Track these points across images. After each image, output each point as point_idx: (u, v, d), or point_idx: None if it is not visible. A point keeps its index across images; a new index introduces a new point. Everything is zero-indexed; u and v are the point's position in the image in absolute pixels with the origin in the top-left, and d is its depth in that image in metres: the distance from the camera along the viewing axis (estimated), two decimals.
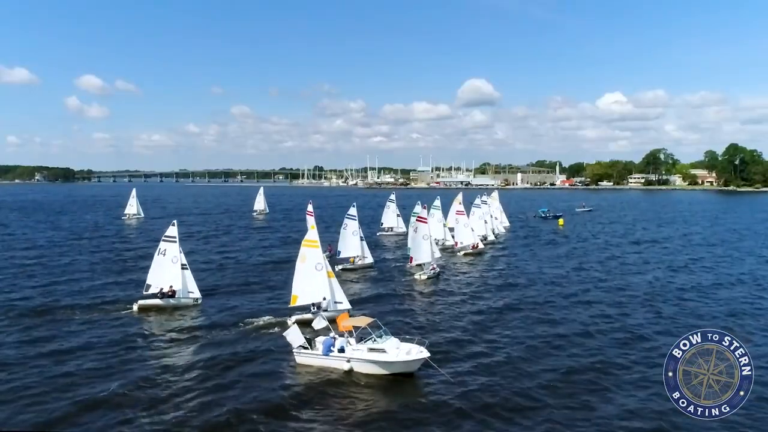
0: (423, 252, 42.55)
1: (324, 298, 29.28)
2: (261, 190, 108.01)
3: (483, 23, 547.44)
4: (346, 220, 46.33)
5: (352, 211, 46.56)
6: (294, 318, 28.82)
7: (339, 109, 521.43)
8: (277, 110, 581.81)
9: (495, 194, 76.22)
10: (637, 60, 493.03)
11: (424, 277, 41.22)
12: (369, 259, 46.29)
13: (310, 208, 52.34)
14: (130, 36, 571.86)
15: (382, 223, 68.87)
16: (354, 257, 45.18)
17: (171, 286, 32.49)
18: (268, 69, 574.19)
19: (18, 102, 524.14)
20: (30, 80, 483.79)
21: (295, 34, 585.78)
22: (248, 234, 73.39)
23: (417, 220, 43.64)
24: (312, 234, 30.50)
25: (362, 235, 46.52)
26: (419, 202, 48.05)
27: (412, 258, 43.54)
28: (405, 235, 63.63)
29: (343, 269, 43.22)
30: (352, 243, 45.36)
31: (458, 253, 52.90)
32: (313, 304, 29.34)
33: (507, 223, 75.37)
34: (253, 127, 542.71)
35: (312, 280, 29.15)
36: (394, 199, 69.02)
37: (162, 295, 32.28)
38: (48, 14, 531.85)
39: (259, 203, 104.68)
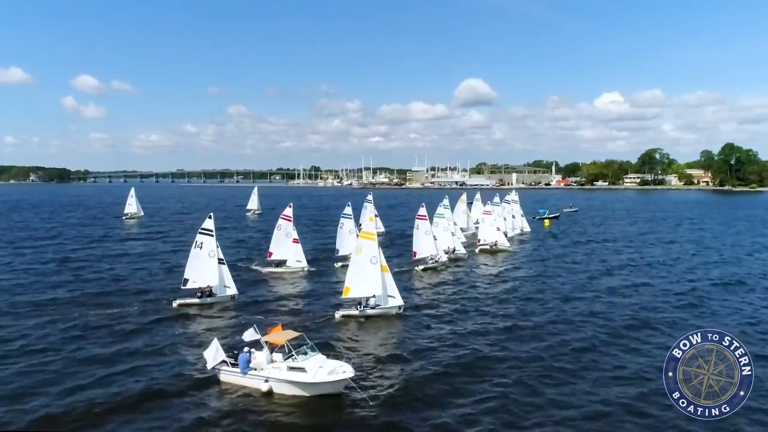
0: (425, 246, 45.57)
1: (373, 296, 29.59)
2: (255, 190, 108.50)
3: (481, 23, 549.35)
4: (342, 219, 48.44)
5: (348, 210, 49.04)
6: (340, 313, 29.24)
7: (337, 109, 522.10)
8: (274, 110, 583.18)
9: (515, 195, 75.98)
10: (634, 60, 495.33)
11: (421, 267, 44.08)
12: None
13: (288, 211, 45.08)
14: (127, 36, 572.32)
15: (360, 225, 68.64)
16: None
17: (208, 285, 33.10)
18: (266, 69, 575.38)
19: (14, 102, 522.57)
20: (25, 80, 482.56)
21: (293, 34, 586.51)
22: (252, 231, 73.97)
23: (417, 217, 46.42)
24: (369, 226, 31.08)
25: (358, 233, 47.26)
26: (441, 203, 52.24)
27: (415, 252, 46.15)
28: (384, 234, 65.03)
29: (342, 266, 43.73)
30: (349, 240, 46.23)
31: (476, 250, 54.83)
32: (359, 303, 29.75)
33: (526, 223, 74.35)
34: (250, 127, 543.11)
35: (366, 274, 29.51)
36: (372, 199, 69.69)
37: (201, 294, 32.96)
38: (43, 13, 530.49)
39: (253, 203, 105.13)
